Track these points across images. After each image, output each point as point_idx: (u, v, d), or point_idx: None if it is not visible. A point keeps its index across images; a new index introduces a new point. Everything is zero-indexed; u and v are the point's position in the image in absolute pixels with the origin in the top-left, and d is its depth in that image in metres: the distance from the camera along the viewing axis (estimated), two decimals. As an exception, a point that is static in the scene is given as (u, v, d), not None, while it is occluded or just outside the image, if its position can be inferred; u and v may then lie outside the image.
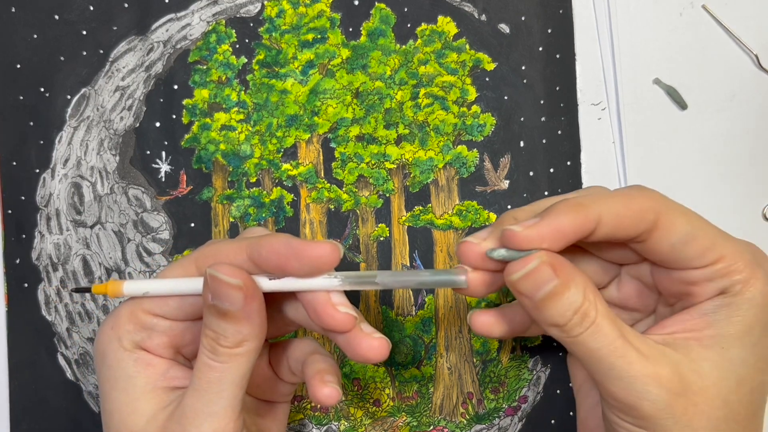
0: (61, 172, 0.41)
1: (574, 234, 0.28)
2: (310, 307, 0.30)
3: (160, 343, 0.32)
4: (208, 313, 0.29)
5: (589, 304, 0.28)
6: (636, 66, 0.41)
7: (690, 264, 0.29)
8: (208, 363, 0.29)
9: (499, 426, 0.41)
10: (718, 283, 0.29)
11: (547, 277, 0.28)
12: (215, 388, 0.29)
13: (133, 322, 0.31)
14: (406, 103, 0.41)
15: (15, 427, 0.41)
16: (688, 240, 0.29)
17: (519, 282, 0.28)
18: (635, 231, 0.29)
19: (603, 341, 0.28)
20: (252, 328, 0.29)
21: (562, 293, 0.28)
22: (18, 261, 0.41)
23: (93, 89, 0.41)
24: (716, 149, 0.41)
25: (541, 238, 0.28)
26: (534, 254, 0.28)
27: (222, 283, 0.29)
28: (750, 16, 0.41)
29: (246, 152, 0.41)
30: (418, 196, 0.41)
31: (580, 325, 0.28)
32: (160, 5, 0.41)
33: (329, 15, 0.41)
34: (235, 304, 0.29)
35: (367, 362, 0.31)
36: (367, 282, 0.31)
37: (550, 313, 0.28)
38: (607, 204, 0.29)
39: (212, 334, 0.29)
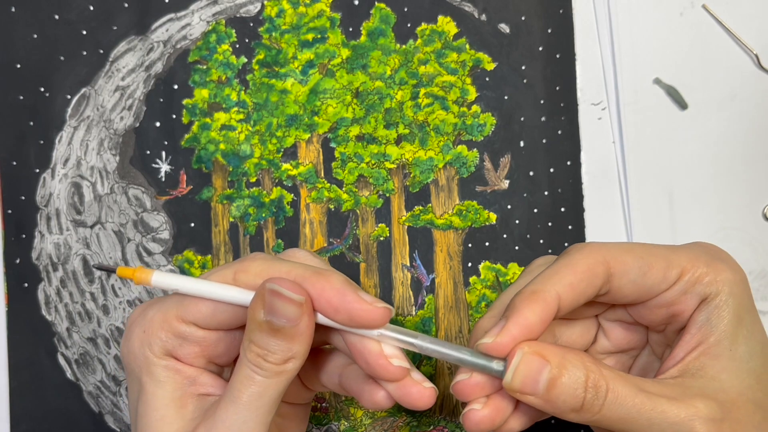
0: (61, 172, 0.41)
1: (542, 324, 0.29)
2: (360, 355, 0.30)
3: (191, 353, 0.31)
4: (257, 329, 0.28)
5: (594, 375, 0.28)
6: (636, 66, 0.41)
7: (659, 289, 0.30)
8: (251, 376, 0.29)
9: (499, 426, 0.41)
10: (694, 292, 0.30)
11: (539, 365, 0.28)
12: (254, 403, 0.29)
13: (165, 329, 0.30)
14: (406, 102, 0.41)
15: (15, 427, 0.41)
16: (644, 271, 0.29)
17: (514, 382, 0.28)
18: (594, 289, 0.29)
19: (627, 404, 0.28)
20: (301, 347, 0.29)
21: (562, 375, 0.28)
22: (18, 261, 0.41)
23: (93, 89, 0.41)
24: (716, 149, 0.41)
25: (514, 339, 0.28)
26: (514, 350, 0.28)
27: (284, 298, 0.28)
28: (750, 15, 0.41)
29: (246, 152, 0.41)
30: (418, 196, 0.41)
31: (596, 398, 0.28)
32: (160, 5, 0.41)
33: (329, 15, 0.41)
34: (291, 321, 0.28)
35: (415, 409, 0.30)
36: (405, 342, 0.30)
37: (562, 399, 0.28)
38: (557, 280, 0.29)
39: (259, 350, 0.28)
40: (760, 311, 0.41)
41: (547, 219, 0.41)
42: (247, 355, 0.29)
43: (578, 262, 0.29)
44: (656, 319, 0.31)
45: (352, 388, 0.32)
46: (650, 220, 0.41)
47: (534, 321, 0.28)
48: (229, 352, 0.32)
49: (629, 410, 0.28)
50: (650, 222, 0.41)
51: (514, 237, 0.41)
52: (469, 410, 0.30)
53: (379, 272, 0.41)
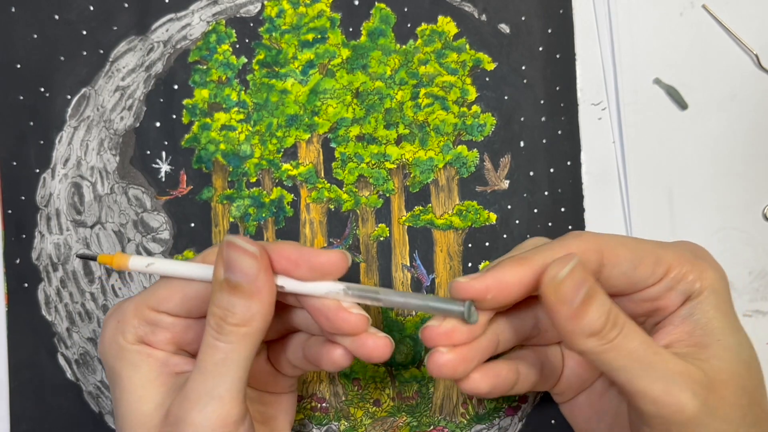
0: (61, 172, 0.41)
1: (518, 286, 0.29)
2: (320, 313, 0.31)
3: (162, 339, 0.32)
4: (218, 289, 0.29)
5: (616, 309, 0.29)
6: (636, 66, 0.41)
7: (646, 284, 0.31)
8: (214, 344, 0.29)
9: (499, 426, 0.41)
10: (679, 289, 0.31)
11: (582, 279, 0.28)
12: (220, 369, 0.29)
13: (138, 317, 0.32)
14: (406, 103, 0.41)
15: (15, 427, 0.41)
16: (635, 264, 0.30)
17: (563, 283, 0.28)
18: None
19: (637, 340, 0.29)
20: (261, 306, 0.29)
21: (595, 296, 0.28)
22: (18, 261, 0.41)
23: (93, 89, 0.41)
24: (716, 149, 0.41)
25: (486, 288, 0.29)
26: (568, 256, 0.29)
27: (239, 249, 0.29)
28: (750, 16, 0.41)
29: (246, 152, 0.41)
30: (418, 196, 0.41)
31: (615, 327, 0.29)
32: (160, 5, 0.41)
33: (329, 15, 0.41)
34: (248, 275, 0.29)
35: (371, 361, 0.31)
36: (369, 296, 0.31)
37: (588, 318, 0.28)
38: (549, 255, 0.29)
39: (220, 311, 0.29)
40: (760, 311, 0.41)
41: (547, 219, 0.41)
42: (209, 321, 0.29)
43: (572, 245, 0.30)
44: (639, 312, 0.32)
45: (313, 355, 0.33)
46: (650, 220, 0.41)
47: (511, 280, 0.29)
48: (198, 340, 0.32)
49: (637, 348, 0.29)
50: (650, 222, 0.41)
51: (514, 237, 0.41)
52: (434, 352, 0.30)
53: (379, 272, 0.41)
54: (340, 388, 0.41)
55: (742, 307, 0.41)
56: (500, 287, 0.29)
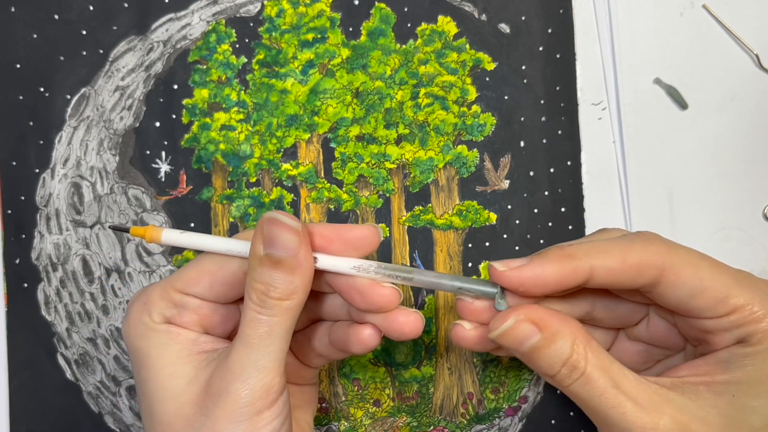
0: (60, 172, 0.41)
1: (558, 284, 0.29)
2: (353, 289, 0.31)
3: (189, 321, 0.32)
4: (258, 265, 0.29)
5: (577, 356, 0.29)
6: (636, 66, 0.41)
7: (702, 314, 0.29)
8: (257, 317, 0.29)
9: (500, 426, 0.41)
10: (734, 333, 0.29)
11: (529, 332, 0.29)
12: (264, 342, 0.29)
13: (165, 299, 0.32)
14: (406, 102, 0.41)
15: (15, 427, 0.41)
16: (695, 293, 0.29)
17: (499, 338, 0.30)
18: (634, 285, 0.29)
19: (593, 392, 0.29)
20: (302, 280, 0.30)
21: (547, 346, 0.29)
22: (18, 261, 0.41)
23: (93, 89, 0.41)
24: (716, 149, 0.41)
25: (521, 282, 0.29)
26: (510, 312, 0.29)
27: (281, 225, 0.29)
28: (750, 15, 0.41)
29: (246, 152, 0.41)
30: (418, 196, 0.41)
31: (569, 376, 0.29)
32: (160, 5, 0.41)
33: (329, 15, 0.41)
34: (290, 250, 0.29)
35: (402, 338, 0.32)
36: (401, 275, 0.31)
37: (539, 364, 0.29)
38: (601, 258, 0.29)
39: (262, 286, 0.29)
40: (760, 311, 0.41)
41: (547, 219, 0.41)
42: (251, 295, 0.30)
43: (634, 253, 0.29)
44: (691, 335, 0.31)
45: (340, 340, 0.33)
46: (650, 220, 0.41)
47: (549, 279, 0.29)
48: (225, 324, 0.33)
49: (592, 398, 0.29)
50: (650, 222, 0.41)
51: (514, 237, 0.41)
52: (457, 324, 0.32)
53: (379, 272, 0.41)
54: (340, 388, 0.41)
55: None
56: (536, 283, 0.29)
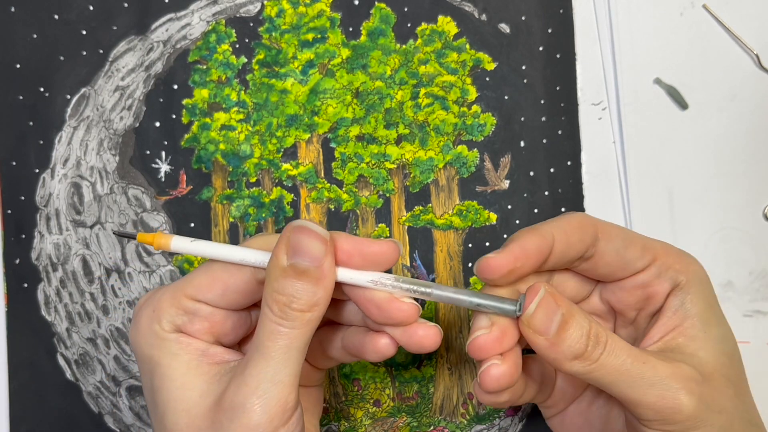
0: (60, 172, 0.41)
1: (537, 253, 0.31)
2: (371, 303, 0.31)
3: (200, 329, 0.31)
4: (281, 275, 0.29)
5: (596, 326, 0.30)
6: (636, 66, 0.41)
7: (636, 266, 0.32)
8: (277, 329, 0.29)
9: (500, 426, 0.41)
10: (667, 276, 0.32)
11: (554, 308, 0.29)
12: (283, 355, 0.29)
13: (175, 306, 0.31)
14: (406, 102, 0.41)
15: (15, 427, 0.41)
16: (627, 244, 0.32)
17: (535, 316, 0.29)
18: (583, 245, 0.32)
19: (624, 355, 0.29)
20: (325, 291, 0.29)
21: (571, 320, 0.29)
22: (18, 261, 0.41)
23: (93, 89, 0.41)
24: (716, 149, 0.41)
25: (515, 259, 0.30)
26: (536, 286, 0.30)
27: (310, 232, 0.29)
28: (751, 15, 0.41)
29: (246, 152, 0.41)
30: (418, 196, 0.41)
31: (597, 346, 0.29)
32: (160, 5, 0.41)
33: (329, 15, 0.41)
34: (316, 260, 0.29)
35: (421, 351, 0.31)
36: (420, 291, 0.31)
37: (567, 343, 0.29)
38: (554, 224, 0.32)
39: (284, 298, 0.29)
40: (760, 311, 0.41)
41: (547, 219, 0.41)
42: (271, 307, 0.29)
43: (572, 218, 0.32)
44: (632, 301, 0.33)
45: (355, 345, 0.33)
46: (650, 220, 0.41)
47: (531, 247, 0.31)
48: (236, 331, 0.33)
49: (624, 361, 0.29)
50: (650, 222, 0.41)
51: (514, 237, 0.41)
52: (489, 365, 0.30)
53: (379, 272, 0.41)
54: (340, 388, 0.41)
55: (742, 307, 0.41)
56: (525, 256, 0.31)
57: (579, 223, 0.32)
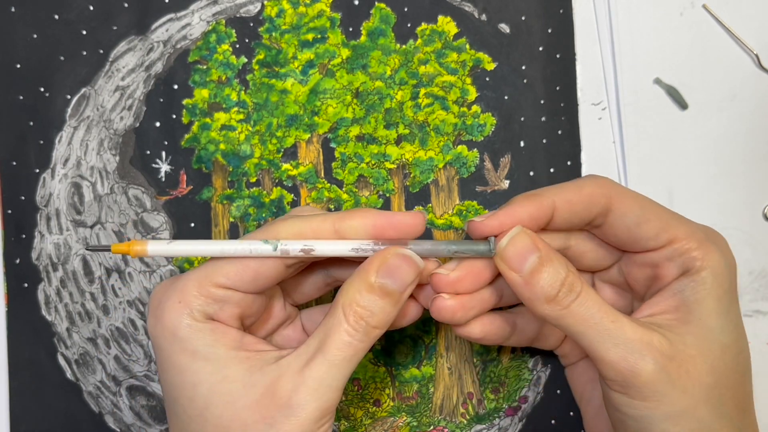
0: (61, 172, 0.41)
1: (531, 221, 0.31)
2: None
3: (231, 315, 0.32)
4: (367, 290, 0.30)
5: (573, 277, 0.30)
6: (636, 66, 0.41)
7: (647, 245, 0.32)
8: (348, 340, 0.30)
9: (500, 426, 0.41)
10: (678, 262, 0.31)
11: (530, 248, 0.30)
12: (347, 364, 0.30)
13: (204, 295, 0.31)
14: (406, 103, 0.41)
15: (15, 427, 0.41)
16: (640, 221, 0.31)
17: (506, 250, 0.30)
18: (589, 215, 0.32)
19: (594, 307, 0.30)
20: (396, 312, 0.31)
21: (546, 264, 0.30)
22: (18, 261, 0.41)
23: (93, 89, 0.41)
24: (716, 149, 0.41)
25: (501, 224, 0.31)
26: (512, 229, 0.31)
27: (410, 261, 0.31)
28: (750, 15, 0.41)
29: (246, 152, 0.41)
30: (418, 196, 0.41)
31: (567, 295, 0.30)
32: (160, 5, 0.41)
33: (329, 15, 0.41)
34: (405, 285, 0.31)
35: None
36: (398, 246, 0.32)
37: (540, 285, 0.30)
38: (559, 192, 0.32)
39: (363, 311, 0.30)
40: (760, 311, 0.41)
41: (547, 219, 0.41)
42: (347, 317, 0.30)
43: (584, 185, 0.32)
44: (639, 277, 0.33)
45: None
46: (650, 220, 0.41)
47: (523, 216, 0.31)
48: (259, 312, 0.33)
49: (593, 314, 0.30)
50: (650, 222, 0.41)
51: (514, 237, 0.41)
52: (437, 298, 0.33)
53: (379, 272, 0.41)
54: (340, 388, 0.41)
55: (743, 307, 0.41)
56: (514, 222, 0.31)
57: (590, 194, 0.31)
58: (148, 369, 0.41)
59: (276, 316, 0.35)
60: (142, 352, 0.41)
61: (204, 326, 0.31)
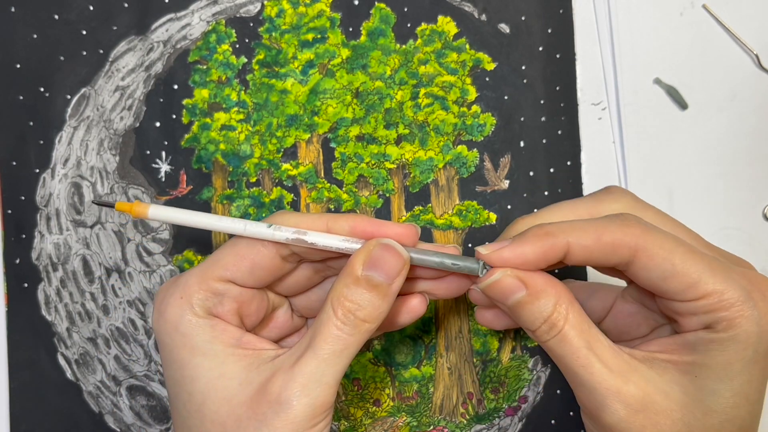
0: (61, 172, 0.41)
1: (539, 261, 0.30)
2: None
3: (230, 309, 0.32)
4: (354, 283, 0.30)
5: (558, 315, 0.30)
6: (636, 66, 0.41)
7: (673, 297, 0.29)
8: (337, 334, 0.30)
9: (499, 426, 0.41)
10: (702, 318, 0.29)
11: (515, 287, 0.30)
12: (336, 359, 0.30)
13: (203, 289, 0.31)
14: (406, 103, 0.41)
15: (15, 427, 0.41)
16: (667, 276, 0.29)
17: (486, 290, 0.31)
18: (608, 263, 0.30)
19: (567, 350, 0.30)
20: (388, 307, 0.31)
21: (530, 303, 0.30)
22: (18, 261, 0.41)
23: (93, 89, 0.41)
24: (716, 149, 0.41)
25: (504, 262, 0.31)
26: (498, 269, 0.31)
27: (394, 252, 0.30)
28: (750, 15, 0.41)
29: (246, 152, 0.41)
30: (418, 196, 0.41)
31: (547, 333, 0.30)
32: (160, 5, 0.41)
33: (329, 15, 0.41)
34: (391, 278, 0.30)
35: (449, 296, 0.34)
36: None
37: (522, 318, 0.31)
38: (577, 235, 0.30)
39: (351, 304, 0.30)
40: (760, 311, 0.41)
41: (547, 219, 0.41)
42: (336, 310, 0.30)
43: (609, 233, 0.29)
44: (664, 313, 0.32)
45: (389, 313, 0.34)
46: (650, 220, 0.41)
47: (530, 257, 0.30)
48: (258, 313, 0.33)
49: (565, 355, 0.30)
50: (650, 222, 0.41)
51: (514, 237, 0.41)
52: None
53: (379, 272, 0.41)
54: (340, 388, 0.41)
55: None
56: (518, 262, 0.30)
57: (611, 244, 0.29)
58: (148, 369, 0.41)
59: (281, 323, 0.36)
60: (142, 352, 0.41)
61: (204, 322, 0.31)
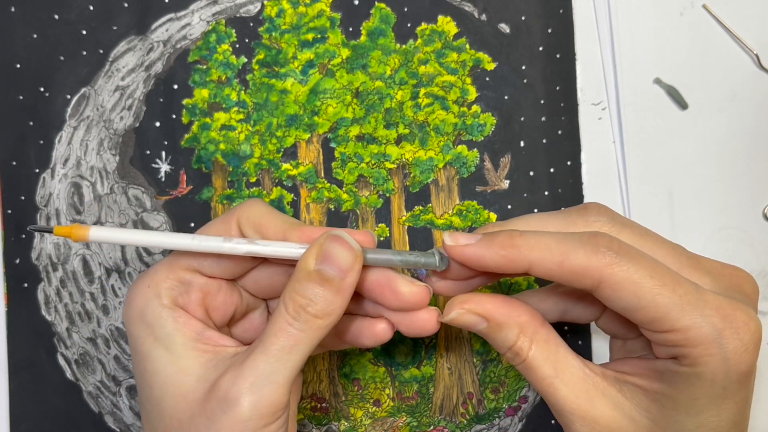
0: (60, 172, 0.41)
1: (498, 268, 0.30)
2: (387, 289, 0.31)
3: (195, 299, 0.32)
4: (305, 277, 0.29)
5: (521, 344, 0.31)
6: (636, 66, 0.41)
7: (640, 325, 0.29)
8: (286, 329, 0.29)
9: (500, 426, 0.41)
10: (670, 350, 0.28)
11: (475, 321, 0.31)
12: (285, 355, 0.29)
13: (171, 277, 0.31)
14: (406, 102, 0.41)
15: (15, 427, 0.41)
16: (631, 308, 0.28)
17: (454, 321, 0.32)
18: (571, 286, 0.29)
19: (533, 376, 0.31)
20: (342, 303, 0.30)
21: (493, 333, 0.31)
22: (18, 261, 0.41)
23: (93, 89, 0.41)
24: (716, 149, 0.41)
25: (463, 260, 0.30)
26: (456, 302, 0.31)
27: (344, 243, 0.29)
28: (751, 15, 0.41)
29: (246, 152, 0.41)
30: (418, 196, 0.41)
31: (513, 359, 0.31)
32: (160, 5, 0.41)
33: (329, 14, 0.41)
34: (342, 272, 0.29)
35: (422, 334, 0.32)
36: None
37: (490, 343, 0.32)
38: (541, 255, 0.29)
39: (302, 299, 0.29)
40: (761, 311, 0.41)
41: (547, 219, 0.41)
42: (287, 305, 0.29)
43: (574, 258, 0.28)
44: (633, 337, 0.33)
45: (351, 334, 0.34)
46: (650, 220, 0.41)
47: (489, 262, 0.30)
48: (225, 307, 0.33)
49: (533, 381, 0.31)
50: (650, 222, 0.41)
51: (514, 237, 0.41)
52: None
53: (379, 272, 0.41)
54: (340, 388, 0.41)
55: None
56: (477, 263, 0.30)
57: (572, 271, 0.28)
58: (148, 369, 0.41)
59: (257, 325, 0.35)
60: (142, 352, 0.41)
61: (168, 313, 0.31)
